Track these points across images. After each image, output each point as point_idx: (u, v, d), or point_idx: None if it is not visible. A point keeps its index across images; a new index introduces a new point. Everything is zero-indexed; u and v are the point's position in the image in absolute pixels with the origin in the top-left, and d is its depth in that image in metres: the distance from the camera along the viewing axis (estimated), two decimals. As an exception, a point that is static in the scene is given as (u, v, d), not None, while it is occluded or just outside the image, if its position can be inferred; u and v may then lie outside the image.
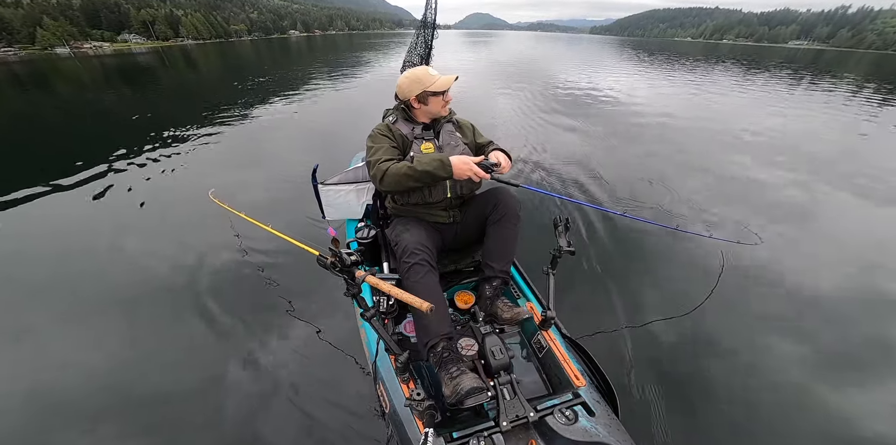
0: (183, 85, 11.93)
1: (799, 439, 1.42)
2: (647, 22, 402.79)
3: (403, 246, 1.20)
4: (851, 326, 1.98)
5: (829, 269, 2.46)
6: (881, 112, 8.14)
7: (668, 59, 24.22)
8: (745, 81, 13.34)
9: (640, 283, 2.26)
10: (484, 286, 1.34)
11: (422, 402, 0.91)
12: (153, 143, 5.02)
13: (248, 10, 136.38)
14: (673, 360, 1.72)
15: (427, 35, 2.61)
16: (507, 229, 1.33)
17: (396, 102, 1.44)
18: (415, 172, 1.18)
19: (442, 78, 1.32)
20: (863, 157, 4.87)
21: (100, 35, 68.93)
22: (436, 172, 1.18)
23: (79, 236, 2.77)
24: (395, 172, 1.20)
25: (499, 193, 1.38)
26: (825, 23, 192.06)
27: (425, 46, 2.65)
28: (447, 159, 1.18)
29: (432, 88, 1.30)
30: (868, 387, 1.63)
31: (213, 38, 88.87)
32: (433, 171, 1.18)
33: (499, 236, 1.33)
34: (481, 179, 1.23)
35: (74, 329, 1.91)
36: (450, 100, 1.38)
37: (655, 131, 5.88)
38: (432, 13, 2.70)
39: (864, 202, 3.52)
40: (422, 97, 1.34)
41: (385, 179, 1.22)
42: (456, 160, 1.18)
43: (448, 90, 1.35)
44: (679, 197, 3.45)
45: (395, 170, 1.20)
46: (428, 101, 1.34)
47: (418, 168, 1.18)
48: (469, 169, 1.18)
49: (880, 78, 16.09)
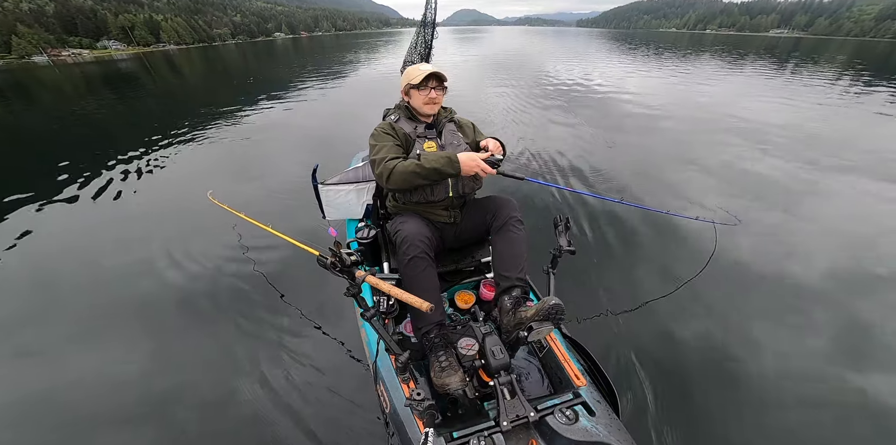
0: (170, 90, 11.73)
1: (803, 437, 1.40)
2: (632, 13, 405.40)
3: (403, 237, 1.20)
4: (839, 306, 2.01)
5: (811, 247, 2.54)
6: (867, 96, 8.29)
7: (658, 50, 24.42)
8: (738, 67, 13.54)
9: (634, 266, 2.30)
10: (503, 298, 1.21)
11: (422, 402, 0.91)
12: (146, 148, 4.97)
13: (231, 14, 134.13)
14: (673, 359, 1.70)
15: (427, 34, 2.61)
16: (513, 233, 1.28)
17: (399, 101, 1.48)
18: (423, 169, 1.19)
19: (421, 71, 1.31)
20: (850, 140, 4.97)
21: (78, 42, 67.25)
22: (444, 169, 1.18)
23: (74, 243, 2.74)
24: (403, 169, 1.20)
25: (496, 200, 1.37)
26: (803, 11, 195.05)
27: (425, 45, 2.64)
28: (455, 156, 1.19)
29: (412, 81, 1.32)
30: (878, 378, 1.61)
31: (196, 42, 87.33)
32: (441, 168, 1.18)
33: (506, 241, 1.28)
34: (486, 176, 1.24)
35: (75, 336, 1.89)
36: (435, 97, 1.35)
37: (648, 121, 5.95)
38: (432, 12, 2.69)
39: (845, 184, 3.60)
40: (407, 90, 1.38)
41: (392, 177, 1.22)
42: (463, 157, 1.19)
43: (434, 87, 1.33)
44: (669, 184, 3.53)
45: (403, 168, 1.20)
46: (411, 94, 1.37)
47: (426, 166, 1.19)
48: (476, 165, 1.19)
49: (862, 65, 16.39)
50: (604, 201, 2.97)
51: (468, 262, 1.53)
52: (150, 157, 4.62)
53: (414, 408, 0.93)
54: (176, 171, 4.18)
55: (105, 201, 3.48)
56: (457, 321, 1.40)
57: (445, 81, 1.36)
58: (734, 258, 2.37)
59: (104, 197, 3.55)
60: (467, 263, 1.53)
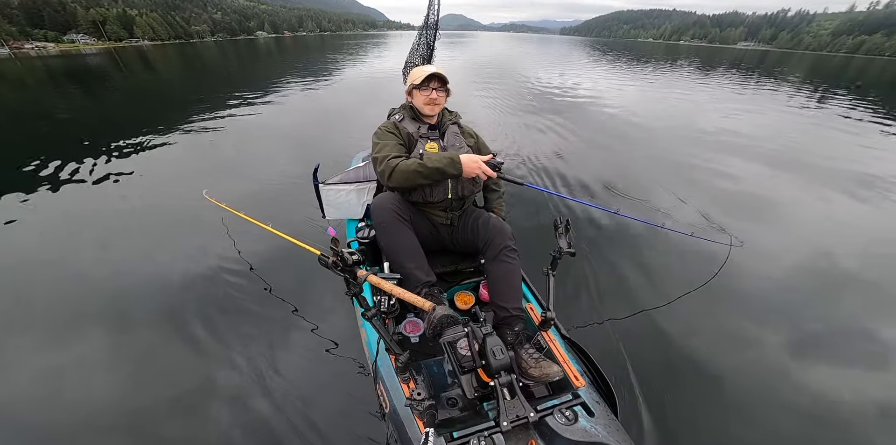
0: (144, 87, 11.20)
1: (798, 439, 1.41)
2: (613, 23, 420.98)
3: (373, 208, 1.25)
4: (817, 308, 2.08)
5: (797, 251, 2.65)
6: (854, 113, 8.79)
7: (638, 59, 25.32)
8: (714, 81, 14.10)
9: (630, 275, 2.30)
10: (504, 330, 1.19)
11: (422, 402, 0.91)
12: (126, 148, 4.72)
13: (211, 11, 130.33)
14: (670, 361, 1.71)
15: (429, 36, 2.63)
16: (508, 263, 1.26)
17: (405, 101, 1.50)
18: (425, 168, 1.19)
19: (424, 72, 1.34)
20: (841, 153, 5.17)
21: (43, 35, 63.53)
22: (446, 169, 1.19)
23: (66, 243, 2.61)
24: (405, 168, 1.21)
25: (490, 227, 1.33)
26: (768, 25, 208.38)
27: (427, 47, 2.66)
28: (457, 157, 1.20)
29: (415, 81, 1.36)
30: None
31: (172, 39, 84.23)
32: (443, 168, 1.19)
33: (501, 272, 1.26)
34: (486, 178, 1.25)
35: (66, 335, 1.82)
36: (436, 98, 1.36)
37: (642, 133, 6.03)
38: (434, 14, 2.70)
39: (829, 192, 3.76)
40: (410, 90, 1.41)
41: (394, 175, 1.22)
42: (465, 158, 1.20)
43: (436, 88, 1.36)
44: (664, 197, 3.55)
45: (405, 167, 1.21)
46: (414, 94, 1.40)
47: (429, 165, 1.19)
48: (478, 167, 1.20)
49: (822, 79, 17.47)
50: (601, 209, 2.98)
51: (467, 263, 1.53)
52: (127, 154, 4.41)
53: (414, 408, 0.92)
54: (167, 172, 3.99)
55: (96, 201, 3.31)
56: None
57: (447, 82, 1.37)
58: (734, 273, 2.35)
59: (94, 196, 3.39)
60: (467, 264, 1.53)
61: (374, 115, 6.24)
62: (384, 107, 1.68)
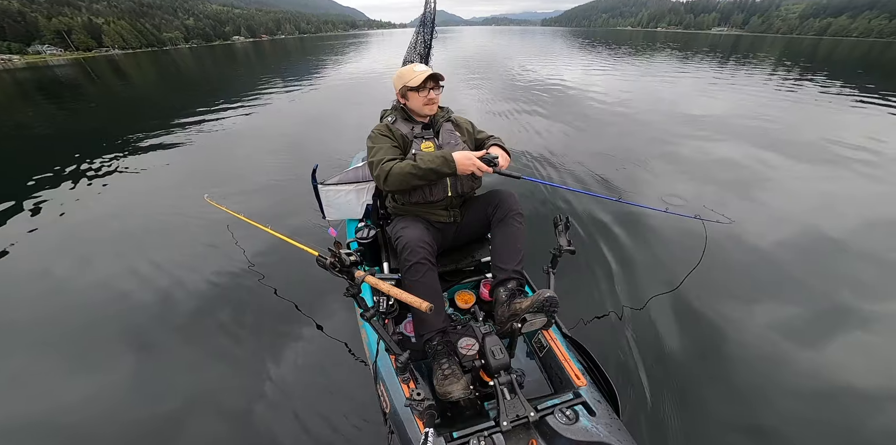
0: (128, 97, 10.85)
1: (806, 438, 1.35)
2: (592, 12, 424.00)
3: (404, 243, 1.19)
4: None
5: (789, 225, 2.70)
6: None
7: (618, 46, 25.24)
8: (694, 65, 14.23)
9: (632, 264, 2.28)
10: (498, 290, 1.21)
11: (422, 402, 0.91)
12: (116, 157, 4.65)
13: (183, 17, 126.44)
14: (672, 359, 1.66)
15: (426, 34, 2.61)
16: (513, 226, 1.29)
17: (395, 102, 1.46)
18: (419, 169, 1.18)
19: (418, 73, 1.29)
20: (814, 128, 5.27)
21: (7, 47, 60.78)
22: (440, 168, 1.18)
23: (66, 251, 2.60)
24: (399, 171, 1.19)
25: (499, 193, 1.37)
26: (739, 10, 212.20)
27: (425, 46, 2.65)
28: (450, 155, 1.18)
29: (410, 83, 1.30)
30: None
31: (144, 47, 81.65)
32: (437, 168, 1.18)
33: (505, 234, 1.28)
34: (482, 174, 1.23)
35: (72, 345, 1.82)
36: (434, 98, 1.34)
37: (633, 118, 6.07)
38: (431, 13, 2.68)
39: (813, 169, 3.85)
40: (403, 92, 1.36)
41: (389, 178, 1.20)
42: (459, 156, 1.18)
43: (432, 88, 1.32)
44: (655, 178, 3.62)
45: (399, 169, 1.19)
46: (408, 96, 1.35)
47: (422, 166, 1.18)
48: (472, 164, 1.18)
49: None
50: (599, 200, 2.96)
51: (468, 262, 1.53)
52: (113, 163, 4.36)
53: (414, 408, 0.93)
54: (165, 177, 3.96)
55: (95, 207, 3.29)
56: (457, 321, 1.40)
57: (442, 80, 1.34)
58: (732, 257, 2.33)
59: (93, 204, 3.36)
60: (467, 263, 1.53)
61: (364, 114, 6.09)
62: (372, 106, 1.65)
